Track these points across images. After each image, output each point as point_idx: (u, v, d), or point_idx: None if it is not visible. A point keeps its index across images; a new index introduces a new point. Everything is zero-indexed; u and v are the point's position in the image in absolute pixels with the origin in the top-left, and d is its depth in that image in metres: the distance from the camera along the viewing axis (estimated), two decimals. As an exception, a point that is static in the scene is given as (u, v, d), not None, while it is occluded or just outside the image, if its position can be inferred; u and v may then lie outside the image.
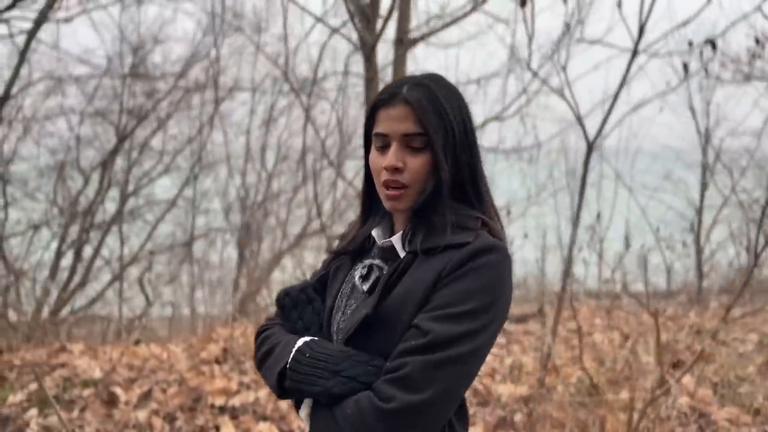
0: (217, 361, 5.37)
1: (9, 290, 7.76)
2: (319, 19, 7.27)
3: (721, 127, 12.53)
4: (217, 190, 12.84)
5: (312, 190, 9.73)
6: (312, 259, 10.86)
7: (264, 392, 4.71)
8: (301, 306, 1.50)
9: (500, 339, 5.42)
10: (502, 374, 4.73)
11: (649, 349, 4.61)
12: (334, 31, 7.87)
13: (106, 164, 12.56)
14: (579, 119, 4.61)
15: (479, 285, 1.31)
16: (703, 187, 11.64)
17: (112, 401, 4.78)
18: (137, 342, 5.98)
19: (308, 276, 1.66)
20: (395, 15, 7.57)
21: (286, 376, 1.37)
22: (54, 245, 11.67)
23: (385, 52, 8.75)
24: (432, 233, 1.39)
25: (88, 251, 12.08)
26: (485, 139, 8.01)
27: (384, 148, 1.42)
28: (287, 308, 1.51)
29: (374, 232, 1.50)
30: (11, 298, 7.87)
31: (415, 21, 7.67)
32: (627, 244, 7.10)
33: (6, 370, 5.14)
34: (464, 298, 1.30)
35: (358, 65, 9.00)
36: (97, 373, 5.04)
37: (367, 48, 7.53)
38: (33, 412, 4.67)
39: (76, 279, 11.53)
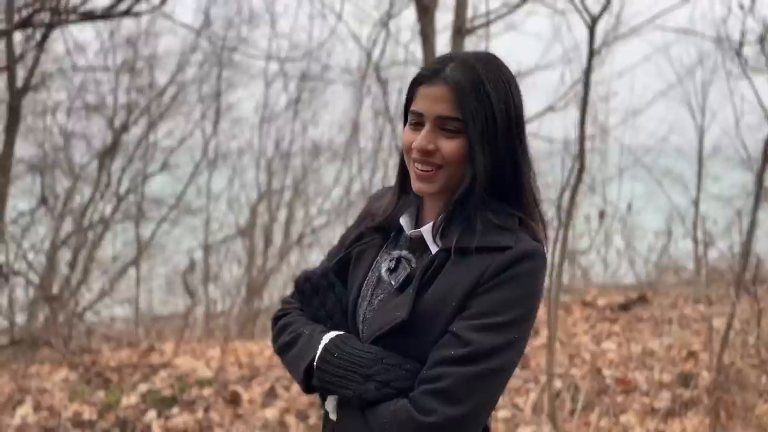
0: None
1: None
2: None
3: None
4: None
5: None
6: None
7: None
8: (323, 292, 1.43)
9: (612, 327, 5.39)
10: (635, 362, 4.68)
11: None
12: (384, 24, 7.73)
13: (102, 161, 12.08)
14: None
15: (520, 294, 1.26)
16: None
17: (234, 400, 4.54)
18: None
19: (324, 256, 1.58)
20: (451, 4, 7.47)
21: (313, 374, 1.32)
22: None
23: (445, 42, 8.57)
24: (468, 231, 1.31)
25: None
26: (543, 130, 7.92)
27: (418, 126, 1.34)
28: (308, 294, 1.45)
29: (402, 220, 1.41)
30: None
31: (471, 11, 7.58)
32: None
33: (108, 372, 4.83)
34: (505, 307, 1.25)
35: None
36: (207, 373, 4.78)
37: (425, 37, 7.41)
38: (152, 414, 4.39)
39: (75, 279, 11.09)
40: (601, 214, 6.96)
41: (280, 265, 12.05)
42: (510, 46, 8.67)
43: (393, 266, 1.37)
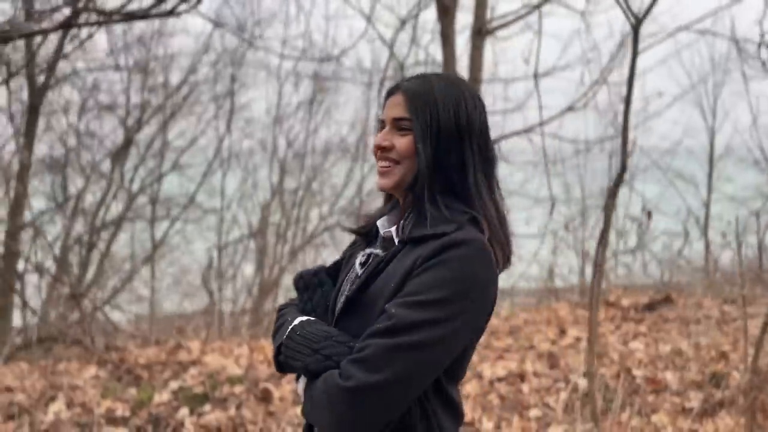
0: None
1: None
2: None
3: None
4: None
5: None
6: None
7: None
8: (312, 288, 1.58)
9: (638, 327, 5.39)
10: (665, 361, 4.68)
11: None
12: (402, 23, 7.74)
13: (115, 161, 12.09)
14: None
15: (447, 276, 1.34)
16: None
17: (265, 398, 4.55)
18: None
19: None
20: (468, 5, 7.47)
21: (281, 351, 1.46)
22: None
23: (464, 43, 8.59)
24: (419, 223, 1.44)
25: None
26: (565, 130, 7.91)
27: (381, 130, 1.53)
28: (300, 290, 1.60)
29: (379, 223, 1.56)
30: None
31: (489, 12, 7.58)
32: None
33: (138, 369, 4.84)
34: (431, 287, 1.34)
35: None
36: (236, 370, 4.80)
37: (445, 38, 7.43)
38: (184, 411, 4.41)
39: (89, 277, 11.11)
40: (649, 215, 6.96)
41: (291, 265, 12.07)
42: (527, 47, 8.68)
43: (363, 260, 1.54)
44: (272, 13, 11.89)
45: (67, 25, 3.47)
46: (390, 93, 1.55)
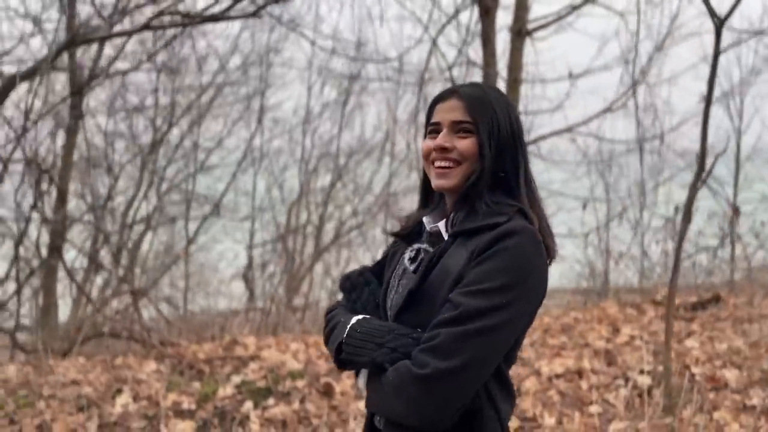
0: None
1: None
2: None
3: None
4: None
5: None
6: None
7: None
8: (359, 288, 1.64)
9: (690, 326, 5.41)
10: (723, 359, 4.70)
11: None
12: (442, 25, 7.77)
13: (145, 160, 12.19)
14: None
15: (506, 264, 1.41)
16: None
17: (327, 392, 4.61)
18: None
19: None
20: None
21: (342, 350, 1.51)
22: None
23: (503, 44, 8.61)
24: (470, 216, 1.52)
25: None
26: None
27: (434, 134, 1.58)
28: (347, 290, 1.66)
29: (425, 219, 1.62)
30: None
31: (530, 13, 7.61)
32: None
33: (200, 364, 4.90)
34: (492, 275, 1.40)
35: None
36: (296, 365, 4.85)
37: (486, 39, 7.46)
38: (248, 404, 4.47)
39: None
40: (736, 211, 6.96)
41: (317, 263, 12.14)
42: (564, 47, 8.71)
43: (413, 256, 1.60)
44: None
45: (147, 28, 3.53)
46: (442, 98, 1.60)
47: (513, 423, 4.17)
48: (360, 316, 1.55)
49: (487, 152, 1.52)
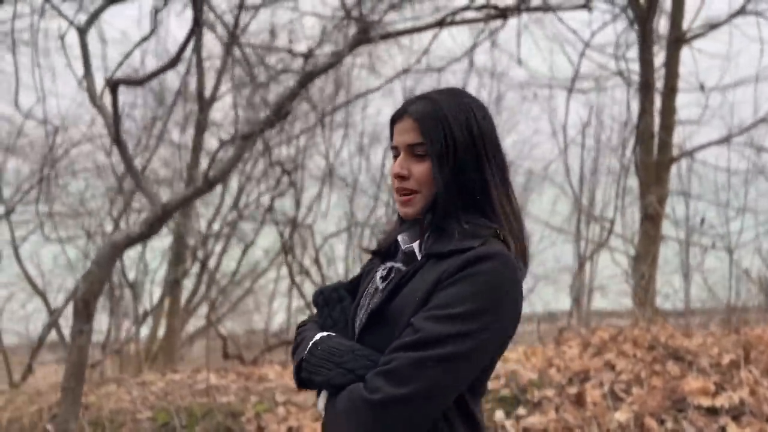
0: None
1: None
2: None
3: None
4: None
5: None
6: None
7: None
8: (332, 304, 1.57)
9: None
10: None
11: None
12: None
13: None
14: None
15: (475, 290, 1.33)
16: None
17: (578, 401, 4.31)
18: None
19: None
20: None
21: (302, 367, 1.44)
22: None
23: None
24: (443, 238, 1.44)
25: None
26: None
27: (396, 158, 1.51)
28: (320, 306, 1.59)
29: (400, 238, 1.54)
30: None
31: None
32: None
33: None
34: (459, 301, 1.32)
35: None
36: (530, 374, 4.56)
37: (644, 47, 7.29)
38: (500, 414, 4.17)
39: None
40: None
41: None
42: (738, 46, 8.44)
43: (384, 275, 1.53)
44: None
45: (359, 43, 3.40)
46: (396, 118, 1.52)
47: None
48: (324, 333, 1.49)
49: (438, 176, 1.44)
